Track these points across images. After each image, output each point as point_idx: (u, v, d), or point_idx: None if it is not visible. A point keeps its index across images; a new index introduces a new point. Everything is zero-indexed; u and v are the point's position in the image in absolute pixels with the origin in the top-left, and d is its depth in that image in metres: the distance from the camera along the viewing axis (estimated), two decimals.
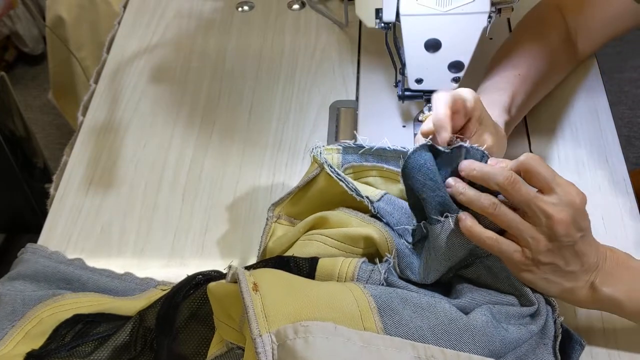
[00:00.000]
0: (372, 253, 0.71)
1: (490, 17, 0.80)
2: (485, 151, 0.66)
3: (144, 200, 0.89)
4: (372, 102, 0.98)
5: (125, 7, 1.17)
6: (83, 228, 0.86)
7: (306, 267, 0.67)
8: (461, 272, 0.69)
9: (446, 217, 0.65)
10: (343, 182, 0.72)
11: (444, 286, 0.70)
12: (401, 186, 0.73)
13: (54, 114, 2.13)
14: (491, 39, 1.00)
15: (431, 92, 0.85)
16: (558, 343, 0.65)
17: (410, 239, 0.71)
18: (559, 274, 0.64)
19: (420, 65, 0.83)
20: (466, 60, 0.81)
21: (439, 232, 0.65)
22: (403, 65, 0.86)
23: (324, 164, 0.74)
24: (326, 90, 1.01)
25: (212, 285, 0.63)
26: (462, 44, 0.80)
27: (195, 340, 0.69)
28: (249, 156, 0.93)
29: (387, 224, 0.71)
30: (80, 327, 0.72)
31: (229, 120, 0.98)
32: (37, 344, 0.71)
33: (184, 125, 0.97)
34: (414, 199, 0.68)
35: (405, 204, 0.73)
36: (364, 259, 0.68)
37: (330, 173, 0.73)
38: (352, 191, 0.72)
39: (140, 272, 0.80)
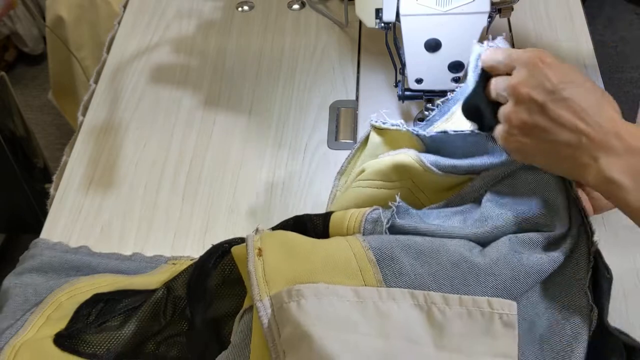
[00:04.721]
0: (409, 187, 0.72)
1: (490, 17, 0.80)
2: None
3: (144, 200, 0.89)
4: (372, 102, 0.98)
5: (125, 7, 1.17)
6: (83, 228, 0.86)
7: (320, 224, 0.69)
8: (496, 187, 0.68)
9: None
10: (382, 122, 0.75)
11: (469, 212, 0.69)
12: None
13: (54, 114, 2.13)
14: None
15: (431, 92, 0.85)
16: (589, 277, 0.63)
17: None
18: (553, 144, 0.58)
19: (420, 65, 0.83)
20: (466, 60, 0.81)
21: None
22: (403, 65, 0.86)
23: (371, 121, 0.76)
24: (326, 90, 1.01)
25: (235, 248, 0.67)
26: (462, 44, 0.80)
27: (230, 303, 0.71)
28: (249, 156, 0.93)
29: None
30: (102, 305, 0.73)
31: (228, 120, 0.98)
32: (59, 326, 0.71)
33: (184, 125, 0.97)
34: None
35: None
36: (372, 209, 0.67)
37: (373, 123, 0.76)
38: (397, 125, 0.74)
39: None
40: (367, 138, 0.79)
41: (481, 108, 0.67)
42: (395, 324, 0.57)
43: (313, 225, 0.69)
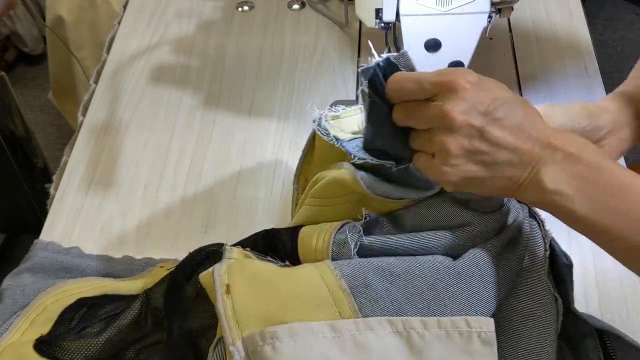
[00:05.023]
0: (358, 198, 0.68)
1: (490, 17, 0.80)
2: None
3: (144, 200, 0.89)
4: None
5: (125, 7, 1.17)
6: (83, 228, 0.86)
7: (289, 242, 0.67)
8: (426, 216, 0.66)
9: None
10: (320, 131, 0.70)
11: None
12: None
13: (54, 114, 2.13)
14: (491, 39, 1.00)
15: None
16: (546, 268, 0.63)
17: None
18: (494, 167, 0.56)
19: (420, 65, 0.83)
20: (466, 60, 0.81)
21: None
22: None
23: (313, 121, 0.72)
24: (326, 90, 1.01)
25: (202, 277, 0.64)
26: (462, 44, 0.80)
27: (206, 317, 0.70)
28: (249, 156, 0.93)
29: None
30: (85, 310, 0.73)
31: (229, 120, 0.98)
32: (43, 330, 0.71)
33: (184, 125, 0.97)
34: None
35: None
36: (340, 224, 0.65)
37: (316, 129, 0.71)
38: (325, 135, 0.70)
39: None
40: (313, 140, 0.76)
41: (388, 144, 0.62)
42: (374, 356, 0.56)
43: (282, 243, 0.68)
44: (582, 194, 0.54)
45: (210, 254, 0.71)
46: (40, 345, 0.70)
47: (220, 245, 0.71)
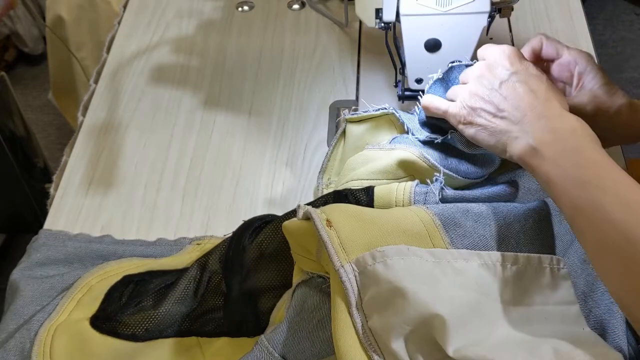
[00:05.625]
0: (419, 176, 0.74)
1: (490, 17, 0.80)
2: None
3: (144, 200, 0.89)
4: (372, 102, 0.97)
5: (125, 7, 1.17)
6: (83, 228, 0.86)
7: (364, 198, 0.71)
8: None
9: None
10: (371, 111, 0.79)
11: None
12: None
13: (54, 114, 2.13)
14: (491, 39, 1.00)
15: None
16: None
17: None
18: (492, 117, 0.66)
19: (420, 65, 0.83)
20: (466, 61, 0.81)
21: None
22: (403, 65, 0.86)
23: (345, 115, 0.80)
24: (326, 90, 1.01)
25: (287, 223, 0.67)
26: (462, 44, 0.80)
27: (267, 276, 0.72)
28: (249, 156, 0.93)
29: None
30: (132, 287, 0.74)
31: (228, 120, 0.98)
32: (90, 309, 0.73)
33: (184, 125, 0.97)
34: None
35: None
36: (416, 182, 0.71)
37: (351, 116, 0.79)
38: (387, 109, 0.80)
39: None
40: (342, 134, 0.83)
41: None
42: (470, 279, 0.61)
43: (356, 199, 0.71)
44: (556, 159, 0.59)
45: (267, 222, 0.74)
46: (98, 322, 0.71)
47: (274, 215, 0.76)
